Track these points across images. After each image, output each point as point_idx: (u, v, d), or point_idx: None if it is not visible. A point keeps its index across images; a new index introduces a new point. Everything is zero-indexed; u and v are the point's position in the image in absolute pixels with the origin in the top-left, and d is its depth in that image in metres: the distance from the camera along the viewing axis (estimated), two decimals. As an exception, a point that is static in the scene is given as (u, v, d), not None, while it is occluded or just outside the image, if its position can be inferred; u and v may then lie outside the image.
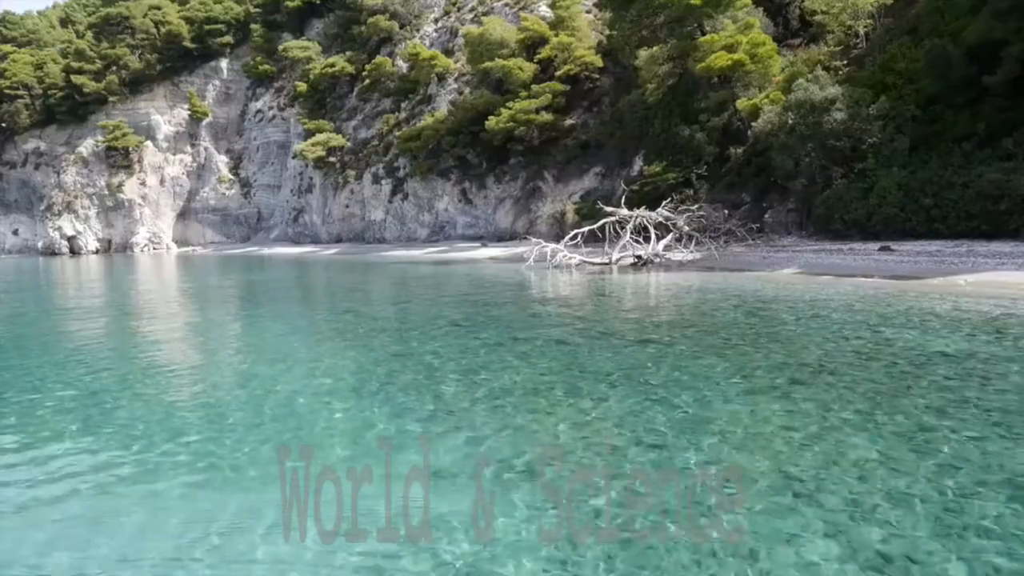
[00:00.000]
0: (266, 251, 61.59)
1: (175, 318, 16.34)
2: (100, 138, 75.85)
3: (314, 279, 28.96)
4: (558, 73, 43.44)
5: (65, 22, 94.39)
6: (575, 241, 26.27)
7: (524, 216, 42.94)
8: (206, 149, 78.07)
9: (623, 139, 38.22)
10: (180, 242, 77.84)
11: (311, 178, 64.24)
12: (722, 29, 29.56)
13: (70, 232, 75.59)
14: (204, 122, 78.04)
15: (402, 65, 60.94)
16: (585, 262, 25.66)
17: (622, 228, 25.96)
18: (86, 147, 76.67)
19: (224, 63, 79.31)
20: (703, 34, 30.07)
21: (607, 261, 25.50)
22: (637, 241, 25.52)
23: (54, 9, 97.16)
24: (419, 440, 6.17)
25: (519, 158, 44.32)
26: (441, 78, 51.60)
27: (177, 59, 78.29)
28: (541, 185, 42.39)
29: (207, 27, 77.16)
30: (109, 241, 76.95)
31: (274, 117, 75.09)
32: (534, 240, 26.67)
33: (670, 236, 25.48)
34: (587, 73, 43.83)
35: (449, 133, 45.86)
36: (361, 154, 58.36)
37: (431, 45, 60.97)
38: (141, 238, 75.82)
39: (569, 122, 43.83)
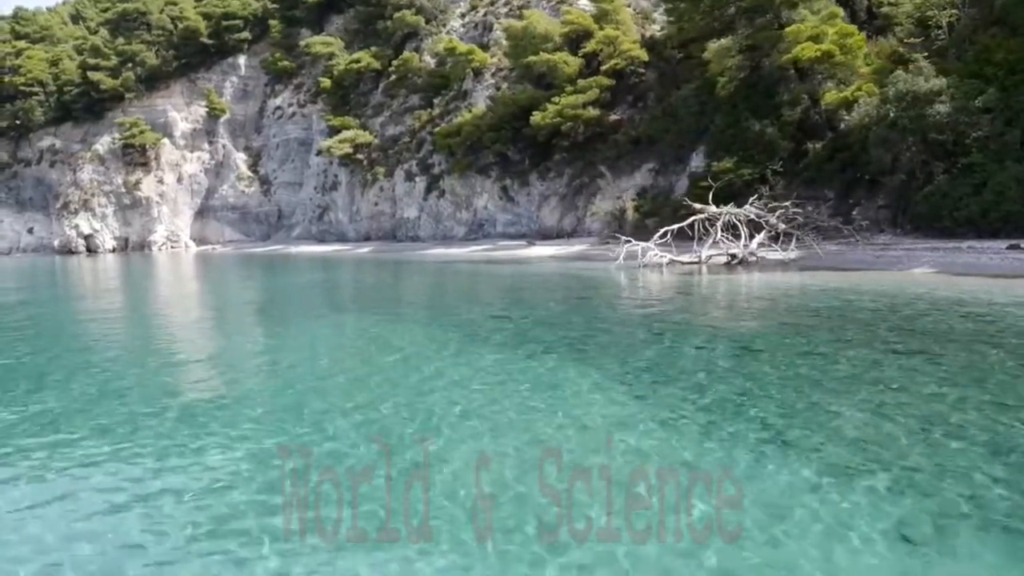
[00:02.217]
0: (293, 249, 59.90)
1: (306, 328, 14.73)
2: (117, 135, 73.82)
3: (390, 280, 26.61)
4: (604, 67, 41.98)
5: (76, 18, 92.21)
6: (665, 239, 24.78)
7: (571, 214, 41.50)
8: (224, 147, 76.14)
9: (678, 134, 36.85)
10: (198, 240, 75.98)
11: (336, 175, 62.51)
12: (800, 20, 28.15)
13: (87, 231, 73.54)
14: (222, 119, 76.10)
15: (430, 61, 59.37)
16: (675, 261, 24.22)
17: (711, 225, 24.54)
18: (102, 144, 74.60)
19: (242, 59, 77.33)
20: (780, 25, 28.67)
21: (697, 260, 24.10)
22: (727, 239, 24.13)
23: (64, 6, 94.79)
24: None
25: (563, 154, 42.88)
26: (477, 73, 50.02)
27: (194, 55, 76.30)
28: (589, 182, 40.94)
29: (225, 23, 75.20)
30: (126, 240, 74.97)
31: (294, 114, 73.25)
32: (624, 238, 25.17)
33: (763, 234, 24.09)
34: (633, 67, 42.44)
35: (490, 129, 44.33)
36: (391, 151, 56.69)
37: (459, 40, 59.40)
38: (159, 236, 73.89)
39: (613, 118, 42.44)
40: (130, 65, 75.25)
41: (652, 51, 42.82)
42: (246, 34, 76.23)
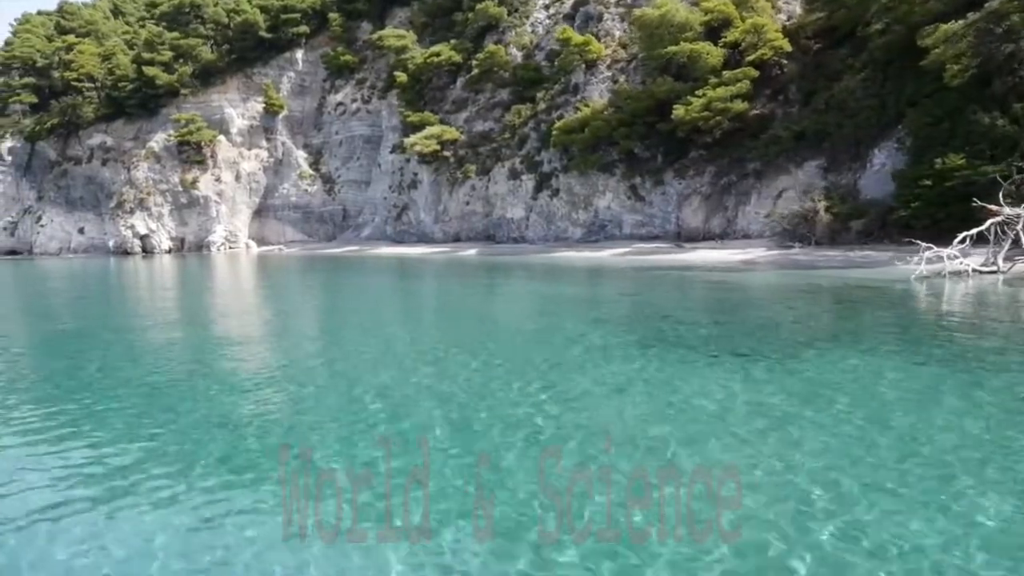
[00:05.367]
0: (373, 251, 55.60)
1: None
2: (172, 132, 69.12)
3: (667, 297, 19.54)
4: (749, 58, 38.26)
5: (116, 12, 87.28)
6: (963, 245, 21.06)
7: (719, 214, 37.68)
8: (283, 144, 71.63)
9: (855, 128, 33.16)
10: (257, 241, 71.60)
11: (416, 173, 58.32)
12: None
13: (143, 231, 68.87)
14: (280, 116, 71.60)
15: (516, 53, 55.40)
16: (976, 270, 20.51)
17: (1009, 229, 20.85)
18: (157, 142, 69.88)
19: (299, 54, 72.72)
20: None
21: (994, 268, 20.43)
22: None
23: (104, 0, 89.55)
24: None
25: (701, 151, 39.17)
26: (590, 66, 46.00)
27: (250, 50, 71.61)
28: (738, 180, 37.17)
29: (283, 16, 70.58)
30: (182, 240, 70.35)
31: (358, 110, 68.91)
32: (923, 244, 21.38)
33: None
34: (776, 58, 38.77)
35: (621, 124, 40.46)
36: (482, 148, 52.66)
37: (546, 33, 55.46)
38: (218, 236, 69.29)
39: (754, 112, 38.75)
40: (181, 60, 70.64)
41: (792, 40, 39.19)
42: (304, 28, 71.63)
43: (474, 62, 55.81)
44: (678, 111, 37.18)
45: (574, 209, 43.88)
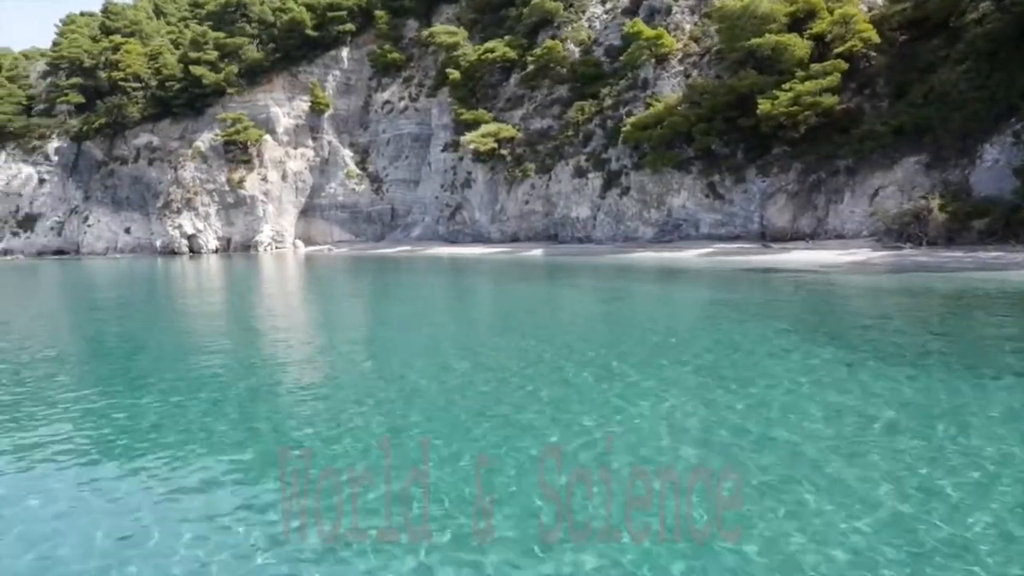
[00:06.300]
0: (432, 251, 54.37)
1: None
2: (218, 132, 68.42)
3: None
4: (838, 50, 36.56)
5: (158, 12, 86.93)
6: None
7: (808, 213, 35.99)
8: (330, 143, 70.68)
9: (962, 122, 31.38)
10: (304, 241, 70.77)
11: (470, 172, 57.05)
12: None
13: (190, 230, 68.25)
14: (326, 114, 70.66)
15: (574, 49, 53.95)
16: None
17: None
18: (203, 141, 69.21)
19: (345, 52, 71.71)
20: None
21: None
22: None
23: (145, 0, 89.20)
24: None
25: (785, 147, 37.51)
26: (660, 60, 44.41)
27: (295, 49, 70.75)
28: (827, 177, 35.46)
29: (329, 14, 69.57)
30: (228, 240, 69.66)
31: (406, 108, 67.81)
32: None
33: None
34: (864, 50, 37.03)
35: (699, 120, 38.90)
36: (540, 146, 51.27)
37: (604, 28, 53.98)
38: (265, 236, 68.52)
39: (841, 106, 36.98)
40: (227, 60, 69.95)
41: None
42: (350, 25, 70.60)
43: (529, 58, 54.45)
44: (764, 105, 35.58)
45: (645, 208, 42.38)
